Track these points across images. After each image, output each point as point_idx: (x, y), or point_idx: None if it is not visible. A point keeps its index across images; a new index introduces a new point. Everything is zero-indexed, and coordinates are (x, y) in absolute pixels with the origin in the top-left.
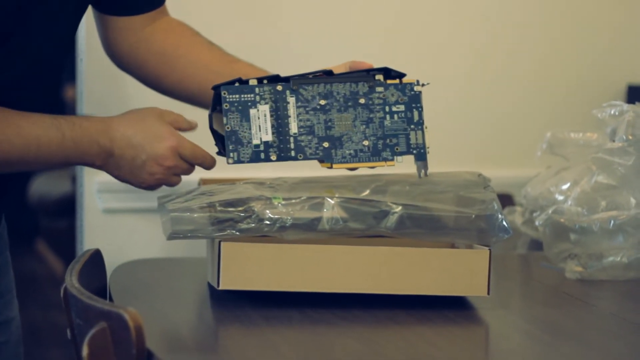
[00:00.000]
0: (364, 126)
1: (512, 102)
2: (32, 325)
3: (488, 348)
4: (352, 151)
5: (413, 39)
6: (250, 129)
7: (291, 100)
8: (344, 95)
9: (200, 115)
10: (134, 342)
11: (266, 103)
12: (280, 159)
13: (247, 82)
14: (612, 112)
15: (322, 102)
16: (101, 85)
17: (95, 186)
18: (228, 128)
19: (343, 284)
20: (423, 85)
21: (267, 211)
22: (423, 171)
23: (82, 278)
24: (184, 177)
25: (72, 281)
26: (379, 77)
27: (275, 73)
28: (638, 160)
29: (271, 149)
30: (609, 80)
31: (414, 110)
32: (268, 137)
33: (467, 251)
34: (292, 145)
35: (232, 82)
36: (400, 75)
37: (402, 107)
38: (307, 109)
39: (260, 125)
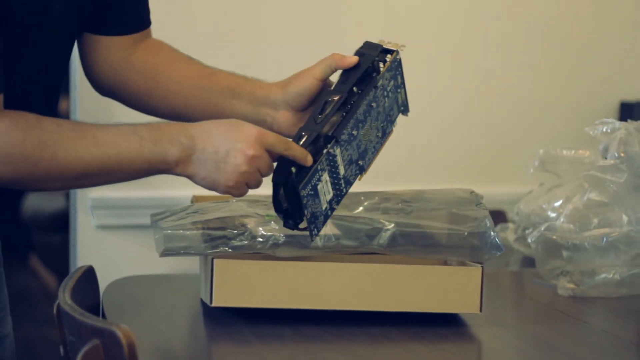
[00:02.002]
0: (376, 122)
1: (505, 119)
2: (25, 341)
3: None
4: (372, 149)
5: (407, 55)
6: (320, 201)
7: (337, 151)
8: (364, 112)
9: None
10: (127, 359)
11: (325, 171)
12: (338, 202)
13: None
14: (604, 129)
15: (355, 132)
16: (95, 104)
17: (89, 202)
18: (308, 215)
19: (336, 301)
20: (400, 50)
21: (260, 228)
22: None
23: (75, 295)
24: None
25: (65, 298)
26: (379, 62)
27: (264, 80)
28: (630, 177)
29: (333, 201)
30: (602, 97)
31: (398, 76)
32: (330, 195)
33: (460, 268)
34: (343, 185)
35: (287, 171)
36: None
37: (392, 82)
38: (346, 147)
39: (325, 192)
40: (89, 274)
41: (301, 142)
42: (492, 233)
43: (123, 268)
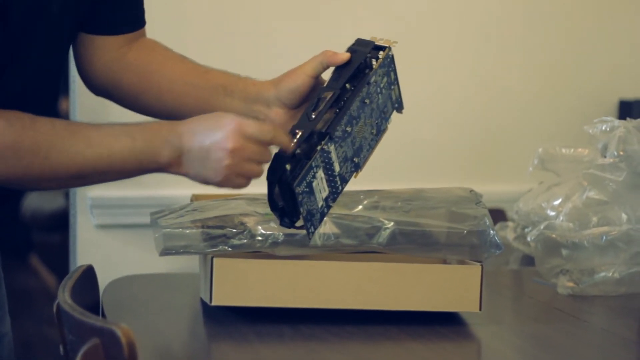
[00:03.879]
0: (370, 119)
1: (504, 118)
2: (24, 341)
3: None
4: (367, 146)
5: (407, 55)
6: (316, 198)
7: (332, 148)
8: (357, 108)
9: None
10: (127, 358)
11: (320, 168)
12: (334, 200)
13: (294, 156)
14: (603, 127)
15: (349, 128)
16: (93, 104)
17: (89, 202)
18: (304, 213)
19: (335, 300)
20: (392, 47)
21: (259, 227)
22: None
23: (74, 294)
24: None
25: (64, 297)
26: (372, 58)
27: (258, 78)
28: (629, 175)
29: (329, 199)
30: (601, 95)
31: (391, 72)
32: (325, 192)
33: (459, 267)
34: (338, 182)
35: (282, 169)
36: (371, 44)
37: (385, 79)
38: (341, 144)
39: (320, 189)
40: (89, 273)
41: (295, 140)
42: (491, 231)
43: (123, 267)
